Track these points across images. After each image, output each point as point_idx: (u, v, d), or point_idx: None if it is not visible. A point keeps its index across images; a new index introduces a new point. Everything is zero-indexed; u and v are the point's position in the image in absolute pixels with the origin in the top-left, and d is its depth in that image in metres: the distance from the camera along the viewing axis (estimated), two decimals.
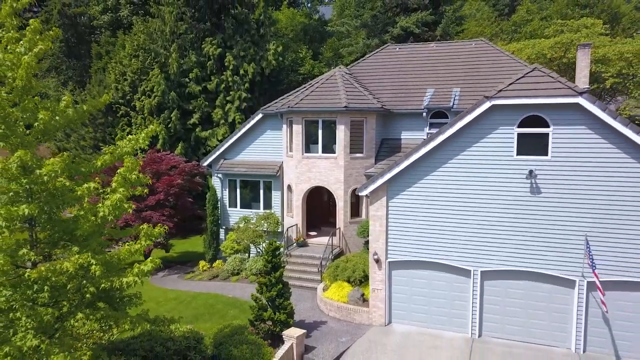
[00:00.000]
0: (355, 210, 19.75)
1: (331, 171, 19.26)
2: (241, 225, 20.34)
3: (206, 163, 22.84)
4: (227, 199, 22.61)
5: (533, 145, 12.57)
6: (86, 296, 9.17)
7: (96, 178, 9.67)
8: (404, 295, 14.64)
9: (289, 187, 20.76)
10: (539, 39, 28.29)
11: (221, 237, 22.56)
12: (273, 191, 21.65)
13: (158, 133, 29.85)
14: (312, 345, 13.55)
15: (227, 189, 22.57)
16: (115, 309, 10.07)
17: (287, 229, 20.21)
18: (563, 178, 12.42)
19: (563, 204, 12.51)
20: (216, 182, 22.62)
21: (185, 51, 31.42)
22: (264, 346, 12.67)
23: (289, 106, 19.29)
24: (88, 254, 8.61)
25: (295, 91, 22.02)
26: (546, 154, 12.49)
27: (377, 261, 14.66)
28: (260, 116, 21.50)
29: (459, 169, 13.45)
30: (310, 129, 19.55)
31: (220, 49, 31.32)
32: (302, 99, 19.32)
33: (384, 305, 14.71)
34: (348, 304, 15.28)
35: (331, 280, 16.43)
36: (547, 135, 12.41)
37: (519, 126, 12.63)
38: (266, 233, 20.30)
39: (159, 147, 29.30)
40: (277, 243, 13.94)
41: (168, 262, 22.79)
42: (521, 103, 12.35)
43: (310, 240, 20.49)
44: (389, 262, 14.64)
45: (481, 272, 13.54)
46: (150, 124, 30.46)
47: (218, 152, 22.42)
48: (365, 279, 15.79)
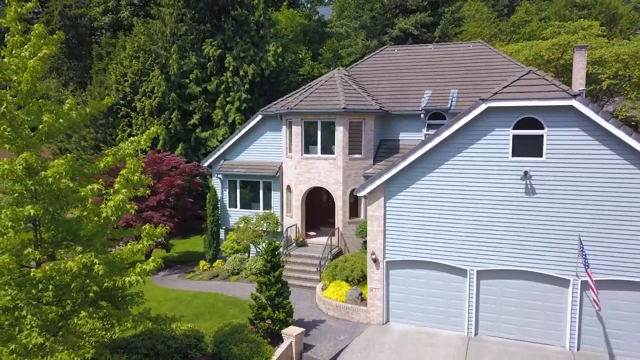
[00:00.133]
0: (354, 210, 19.94)
1: (330, 172, 19.46)
2: (241, 225, 20.53)
3: (206, 164, 23.03)
4: (227, 200, 22.80)
5: (528, 146, 12.77)
6: (89, 295, 9.38)
7: (99, 179, 9.86)
8: (402, 294, 14.85)
9: (289, 188, 20.95)
10: (537, 41, 28.49)
11: (221, 237, 22.75)
12: (273, 191, 21.85)
13: (159, 134, 30.04)
14: (311, 343, 13.74)
15: (227, 190, 22.77)
16: (117, 308, 10.25)
17: (287, 229, 20.43)
18: (557, 179, 12.62)
19: (557, 205, 12.71)
20: (216, 183, 22.82)
21: (185, 52, 31.59)
22: (264, 344, 12.87)
23: (289, 108, 19.49)
24: (91, 254, 8.81)
25: (294, 93, 22.20)
26: (541, 156, 12.69)
27: (375, 261, 14.86)
28: (260, 117, 21.69)
29: (455, 170, 13.65)
30: (309, 130, 19.74)
31: (220, 50, 31.52)
32: (302, 101, 19.51)
33: (382, 304, 14.91)
34: (346, 303, 15.48)
35: (330, 279, 16.64)
36: (542, 137, 12.62)
37: (514, 128, 12.83)
38: (266, 233, 20.49)
39: (160, 148, 29.47)
40: (277, 243, 14.15)
41: (169, 262, 22.97)
42: (516, 105, 12.55)
43: (309, 240, 20.68)
44: (387, 262, 14.84)
45: (477, 272, 13.75)
46: (150, 125, 30.98)
47: (218, 153, 22.61)
48: (363, 279, 15.99)
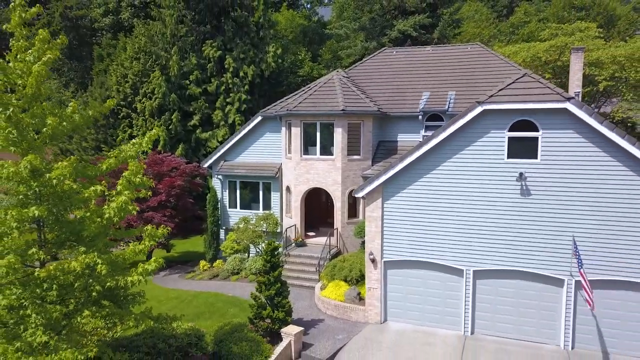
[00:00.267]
0: (352, 211, 20.14)
1: (329, 173, 19.66)
2: (241, 225, 20.72)
3: (207, 165, 23.23)
4: (227, 200, 23.00)
5: (523, 148, 12.98)
6: (92, 294, 9.56)
7: (102, 181, 10.06)
8: (399, 294, 15.05)
9: (288, 188, 21.15)
10: (534, 42, 28.70)
11: (221, 238, 22.94)
12: (272, 192, 22.05)
13: (159, 135, 30.23)
14: (310, 342, 13.94)
15: (227, 190, 22.96)
16: (119, 307, 10.44)
17: (286, 230, 20.63)
18: (552, 180, 12.83)
19: (552, 206, 12.91)
20: (216, 184, 23.01)
21: (185, 53, 31.79)
22: (263, 343, 13.08)
23: (288, 109, 19.68)
24: (94, 254, 9.01)
25: (294, 94, 22.38)
26: (536, 157, 12.89)
27: (373, 261, 15.07)
28: (259, 119, 21.88)
29: (452, 172, 13.85)
30: (308, 132, 19.93)
31: (220, 52, 31.72)
32: (301, 102, 19.71)
33: (380, 303, 15.12)
34: (345, 303, 15.68)
35: (329, 279, 16.83)
36: (537, 139, 12.82)
37: (510, 130, 13.03)
38: (265, 233, 20.68)
39: (160, 149, 29.65)
40: (276, 243, 14.36)
41: (169, 262, 23.14)
42: (512, 108, 12.75)
43: (308, 240, 20.88)
44: (385, 262, 15.05)
45: (473, 272, 13.95)
46: (151, 126, 31.17)
47: (218, 154, 22.81)
48: (361, 278, 16.19)
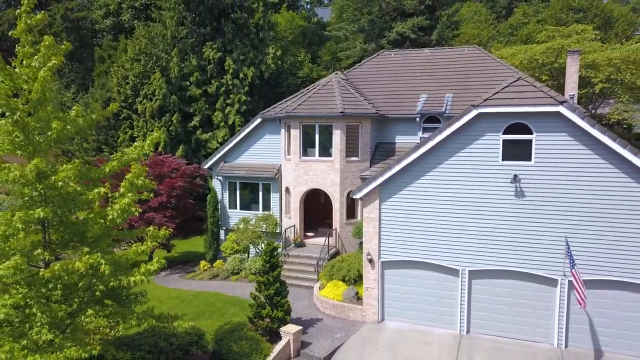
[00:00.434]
0: (351, 211, 20.38)
1: (328, 174, 19.90)
2: (241, 226, 20.97)
3: (207, 166, 23.48)
4: (227, 201, 23.24)
5: (517, 151, 13.23)
6: (96, 294, 9.80)
7: (106, 183, 10.31)
8: (396, 293, 15.30)
9: (287, 190, 21.40)
10: (532, 45, 28.95)
11: (221, 238, 23.18)
12: (272, 193, 22.30)
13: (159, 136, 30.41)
14: (308, 341, 14.20)
15: (227, 191, 23.21)
16: (122, 306, 10.67)
17: (285, 230, 20.88)
18: (545, 182, 13.08)
19: (545, 207, 13.17)
20: (216, 185, 23.26)
21: (186, 55, 32.04)
22: (263, 342, 13.30)
23: (287, 111, 19.93)
24: (98, 255, 9.24)
25: (293, 96, 22.64)
26: (530, 160, 13.14)
27: (371, 261, 15.32)
28: (259, 120, 22.13)
29: (448, 174, 14.10)
30: (307, 133, 20.17)
31: (220, 53, 31.97)
32: (300, 105, 19.95)
33: (377, 303, 15.37)
34: (343, 302, 15.93)
35: (327, 279, 17.08)
36: (531, 141, 13.07)
37: (504, 133, 13.28)
38: (265, 234, 20.92)
39: (161, 150, 29.86)
40: (276, 243, 14.61)
41: (170, 262, 23.35)
42: (506, 111, 13.00)
43: (307, 240, 21.12)
44: (382, 262, 15.30)
45: (469, 272, 14.20)
46: (152, 127, 31.40)
47: (218, 155, 23.05)
48: (359, 278, 16.44)
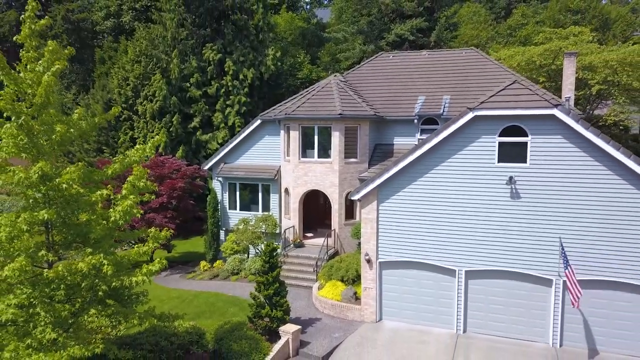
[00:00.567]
0: (349, 212, 20.58)
1: (326, 175, 20.10)
2: (240, 226, 21.15)
3: (207, 167, 23.67)
4: (227, 202, 23.44)
5: (513, 153, 13.43)
6: (98, 294, 9.99)
7: (108, 185, 10.50)
8: (394, 293, 15.50)
9: (287, 190, 21.59)
10: (529, 47, 29.15)
11: (221, 238, 23.38)
12: (271, 194, 22.50)
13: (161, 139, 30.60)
14: (307, 340, 14.39)
15: (227, 192, 23.40)
16: (124, 306, 10.87)
17: (285, 231, 21.08)
18: (540, 184, 13.28)
19: (540, 208, 13.37)
20: (216, 185, 23.45)
21: (186, 56, 32.21)
22: (262, 341, 13.50)
23: (286, 113, 20.12)
24: (100, 255, 9.43)
25: (292, 98, 22.83)
26: (525, 162, 13.35)
27: (369, 261, 15.51)
28: (258, 122, 22.33)
29: (445, 175, 14.30)
30: (306, 135, 20.36)
31: (220, 55, 32.14)
32: (299, 107, 20.14)
33: (375, 303, 15.56)
34: (341, 302, 16.13)
35: (326, 279, 17.28)
36: (526, 144, 13.27)
37: (500, 135, 13.48)
38: (264, 234, 21.11)
39: (161, 151, 30.02)
40: (275, 244, 14.81)
41: (170, 262, 23.53)
42: (501, 114, 13.21)
43: (306, 241, 21.32)
44: (380, 262, 15.49)
45: (465, 272, 14.41)
46: (152, 128, 31.59)
47: (218, 157, 23.25)
48: (357, 278, 16.64)
